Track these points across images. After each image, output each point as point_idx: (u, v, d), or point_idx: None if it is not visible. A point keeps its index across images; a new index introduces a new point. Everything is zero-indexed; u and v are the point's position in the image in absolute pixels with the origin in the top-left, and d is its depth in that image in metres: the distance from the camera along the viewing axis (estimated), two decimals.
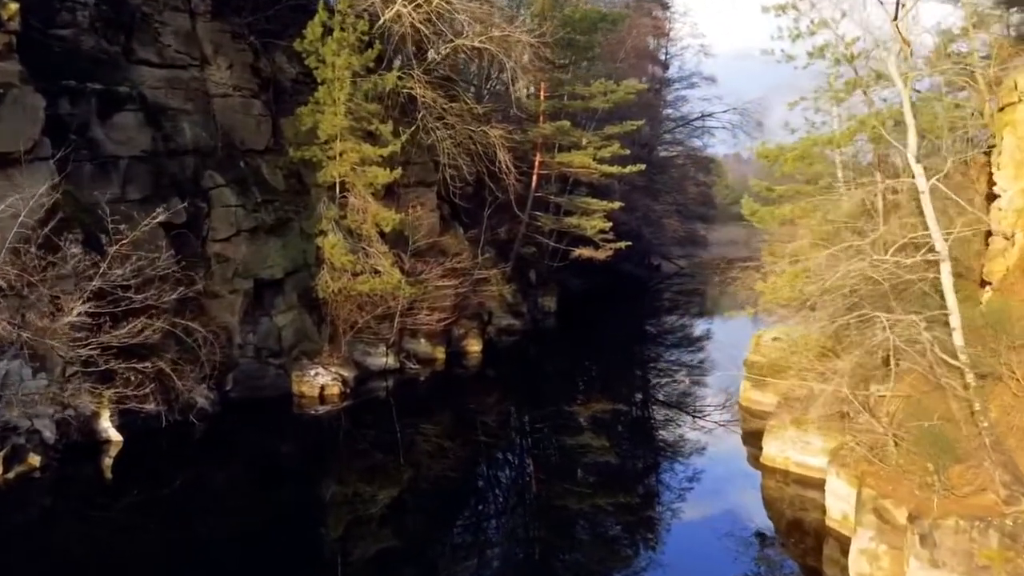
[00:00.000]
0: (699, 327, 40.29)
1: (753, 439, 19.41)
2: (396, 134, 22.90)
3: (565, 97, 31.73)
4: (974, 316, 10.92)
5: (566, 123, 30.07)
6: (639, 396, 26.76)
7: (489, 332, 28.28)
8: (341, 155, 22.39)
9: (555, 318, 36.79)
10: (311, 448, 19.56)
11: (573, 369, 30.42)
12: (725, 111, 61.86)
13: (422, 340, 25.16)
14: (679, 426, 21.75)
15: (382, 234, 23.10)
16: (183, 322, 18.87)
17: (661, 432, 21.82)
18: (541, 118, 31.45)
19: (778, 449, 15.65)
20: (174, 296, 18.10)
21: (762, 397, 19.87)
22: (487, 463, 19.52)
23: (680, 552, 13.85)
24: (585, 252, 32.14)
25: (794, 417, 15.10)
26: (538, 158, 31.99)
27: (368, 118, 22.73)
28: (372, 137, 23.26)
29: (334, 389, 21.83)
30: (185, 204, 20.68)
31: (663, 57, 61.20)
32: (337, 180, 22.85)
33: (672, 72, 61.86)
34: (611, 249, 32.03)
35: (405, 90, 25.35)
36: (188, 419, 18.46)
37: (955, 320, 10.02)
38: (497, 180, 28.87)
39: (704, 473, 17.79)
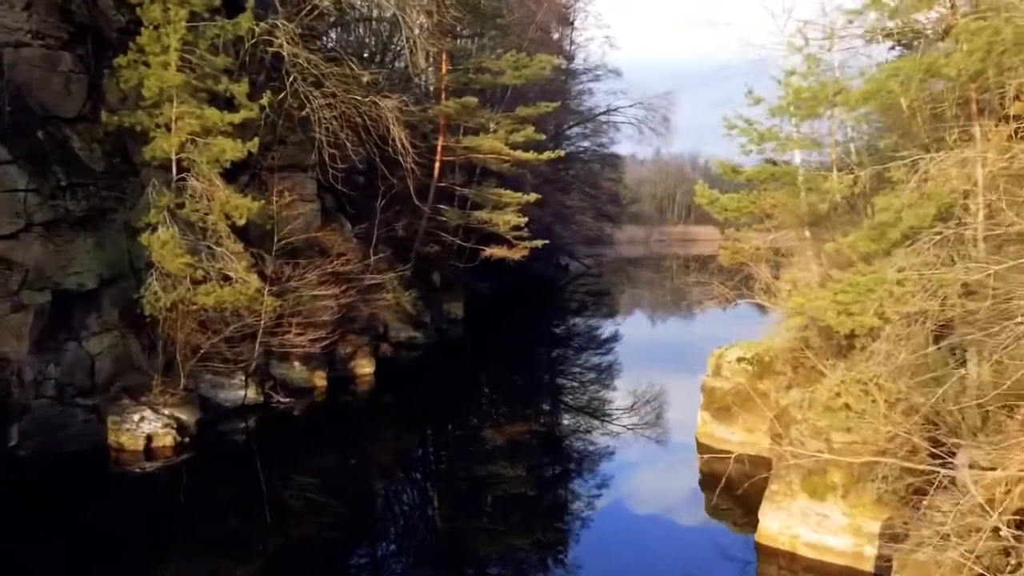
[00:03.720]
0: (620, 331, 35.99)
1: (717, 487, 14.95)
2: (255, 97, 16.97)
3: (471, 71, 26.36)
4: None
5: (472, 100, 24.71)
6: (560, 415, 22.16)
7: (383, 349, 22.48)
8: (176, 122, 16.27)
9: (463, 326, 31.64)
10: (136, 520, 13.49)
11: (484, 385, 25.64)
12: (631, 106, 58.62)
13: (295, 364, 19.22)
14: (609, 454, 17.43)
15: (236, 229, 17.11)
16: None
17: (587, 458, 17.53)
18: (443, 94, 25.97)
19: (782, 524, 10.89)
20: None
21: (728, 433, 15.23)
22: (379, 513, 14.88)
23: None
24: (498, 251, 26.90)
25: (807, 480, 10.35)
26: (441, 141, 26.49)
27: (214, 75, 16.68)
28: (222, 102, 17.25)
29: (166, 439, 15.69)
30: None
31: (568, 47, 56.94)
32: (173, 156, 16.68)
33: (577, 63, 57.76)
34: (526, 248, 26.96)
35: (272, 49, 19.39)
36: None
37: None
38: (392, 165, 23.25)
39: (651, 524, 13.69)
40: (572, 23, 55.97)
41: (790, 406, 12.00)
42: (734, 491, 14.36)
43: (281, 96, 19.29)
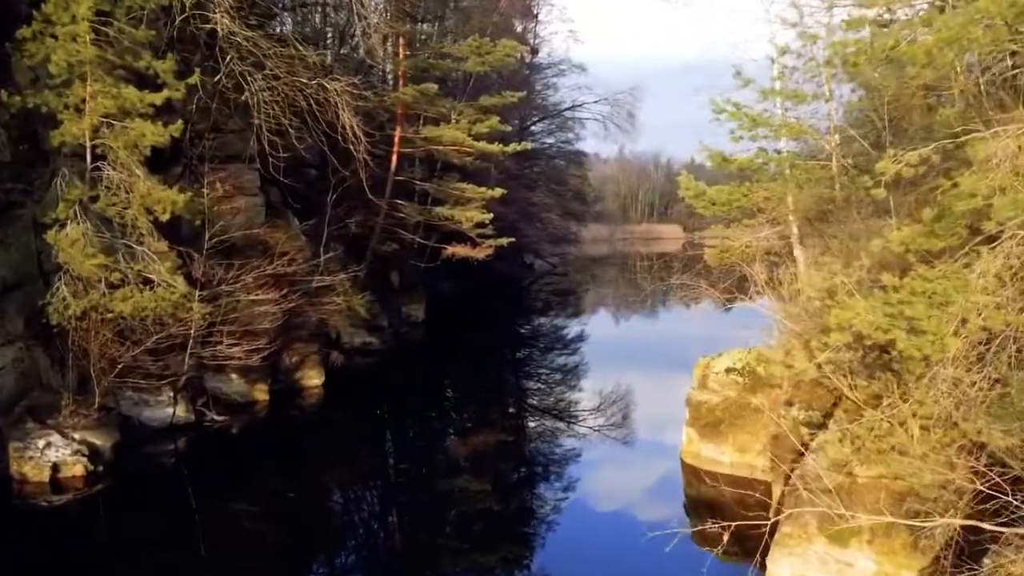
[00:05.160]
0: (589, 332, 34.25)
1: (706, 514, 13.28)
2: (183, 76, 14.80)
3: (430, 56, 24.35)
4: None
5: (432, 86, 22.71)
6: (528, 422, 20.38)
7: (334, 357, 20.29)
8: (89, 102, 14.02)
9: (423, 329, 29.71)
10: (45, 562, 11.31)
11: (446, 392, 23.70)
12: (596, 101, 57.23)
13: (233, 377, 17.04)
14: (581, 466, 15.89)
15: (163, 226, 14.93)
16: None
17: (558, 470, 15.94)
18: (401, 81, 23.92)
19: (795, 572, 9.20)
20: None
21: (717, 453, 13.54)
22: (330, 537, 13.00)
23: None
24: (460, 250, 24.91)
25: (826, 523, 8.67)
26: (398, 132, 24.42)
27: (134, 49, 14.47)
28: (148, 82, 15.05)
29: (75, 468, 13.43)
30: None
31: (532, 41, 55.18)
32: (87, 142, 14.43)
33: (541, 57, 56.10)
34: (491, 246, 25.06)
35: (208, 26, 17.20)
36: None
37: None
38: (345, 157, 21.15)
39: (629, 550, 11.88)
40: (536, 16, 54.40)
41: (797, 426, 10.35)
42: (726, 519, 12.81)
43: (217, 78, 17.12)
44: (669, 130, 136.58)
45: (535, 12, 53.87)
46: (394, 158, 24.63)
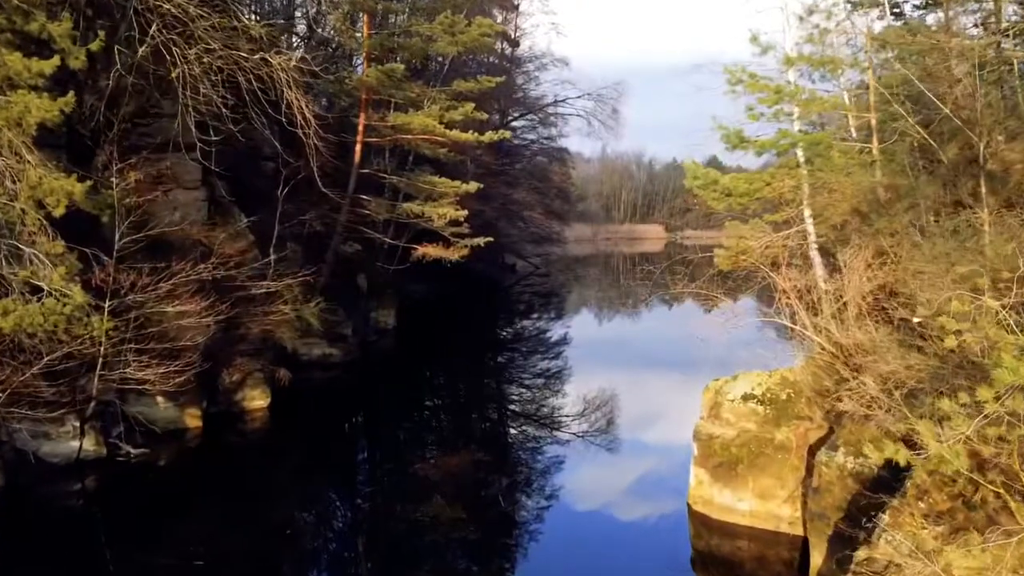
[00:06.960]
0: (573, 338, 31.79)
1: (718, 572, 10.86)
2: (84, 42, 12.13)
3: (397, 35, 21.72)
4: None
5: (399, 67, 20.08)
6: (510, 442, 17.94)
7: (281, 374, 17.37)
8: None
9: (394, 337, 27.20)
10: None
11: (418, 407, 21.16)
12: (579, 97, 54.98)
13: (159, 400, 14.34)
14: (563, 491, 14.02)
15: (69, 224, 12.24)
16: None
17: (539, 498, 13.96)
18: (365, 62, 21.28)
19: None
20: None
21: (733, 500, 11.09)
22: None
23: None
24: (432, 251, 22.27)
25: None
26: (362, 119, 21.76)
27: (26, 9, 11.78)
28: (42, 47, 12.36)
29: None
30: None
31: (513, 33, 52.64)
32: None
33: (523, 50, 53.61)
34: (466, 247, 22.49)
35: None
36: None
37: None
38: (301, 145, 18.51)
39: None
40: (517, 7, 51.94)
41: (844, 476, 7.95)
42: None
43: (143, 49, 14.44)
44: (651, 131, 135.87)
45: (516, 2, 51.48)
46: (357, 148, 21.98)
